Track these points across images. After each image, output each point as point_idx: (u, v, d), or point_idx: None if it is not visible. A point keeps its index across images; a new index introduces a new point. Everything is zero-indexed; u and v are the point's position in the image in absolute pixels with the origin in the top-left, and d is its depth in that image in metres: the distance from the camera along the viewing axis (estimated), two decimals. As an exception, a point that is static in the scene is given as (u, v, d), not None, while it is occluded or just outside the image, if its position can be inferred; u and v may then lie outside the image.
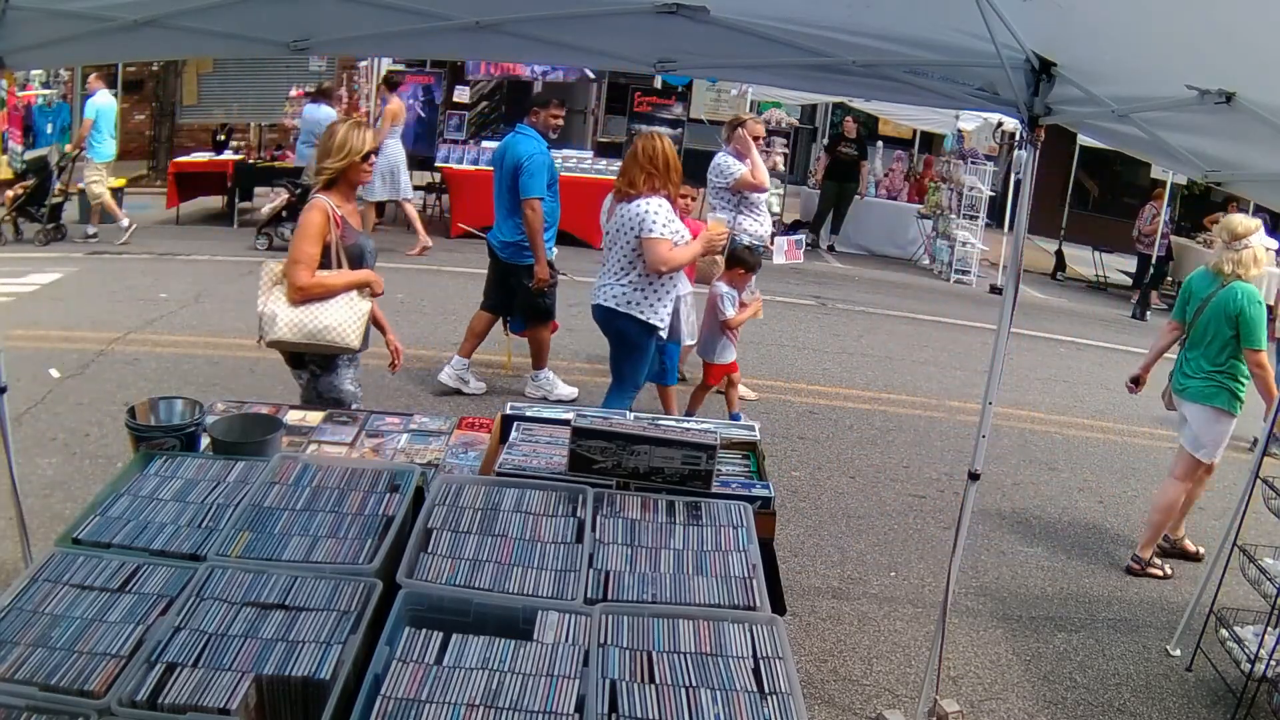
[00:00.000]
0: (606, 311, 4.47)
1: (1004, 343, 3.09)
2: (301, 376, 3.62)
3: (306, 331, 3.42)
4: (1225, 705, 3.68)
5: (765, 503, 2.60)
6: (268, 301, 3.42)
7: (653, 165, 4.32)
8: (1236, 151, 2.50)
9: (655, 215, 4.24)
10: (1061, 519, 5.28)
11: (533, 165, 5.44)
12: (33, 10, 2.79)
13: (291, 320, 3.41)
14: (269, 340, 3.44)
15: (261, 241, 9.25)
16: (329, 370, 3.62)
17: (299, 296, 3.42)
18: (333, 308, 3.47)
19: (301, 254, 3.40)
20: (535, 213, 5.45)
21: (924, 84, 2.86)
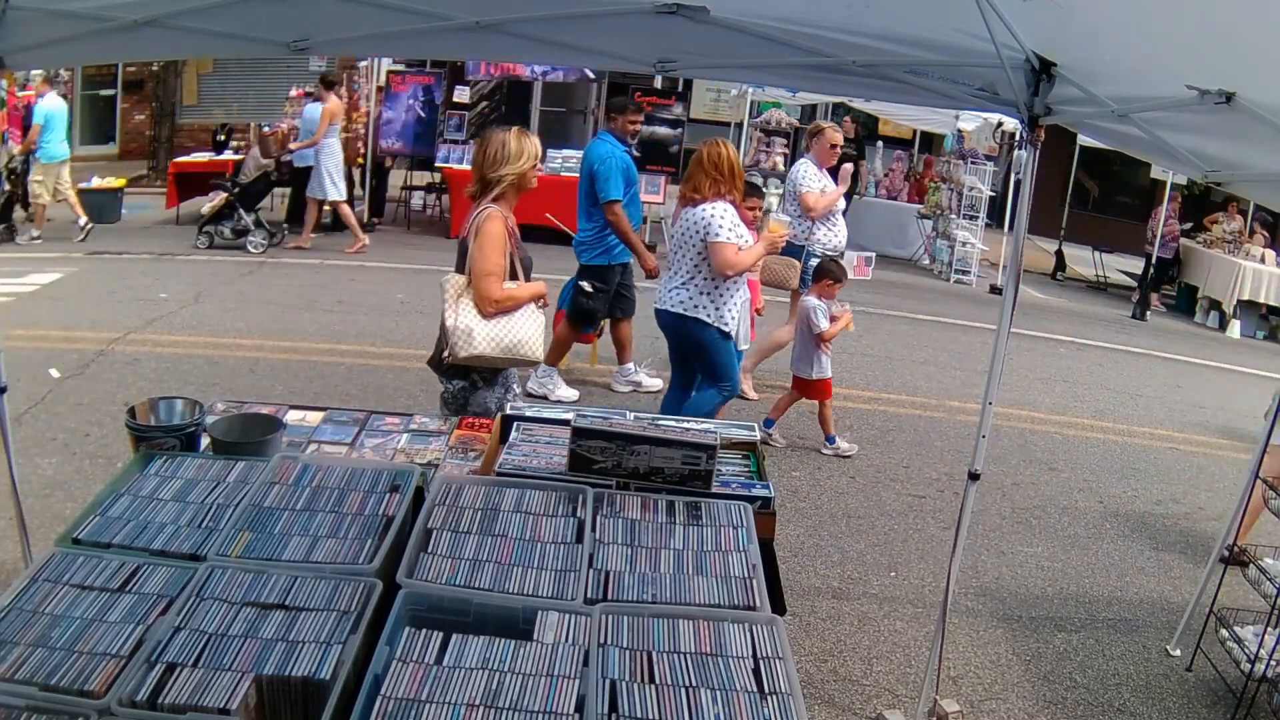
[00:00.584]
0: (672, 316, 4.50)
1: (1004, 343, 3.09)
2: (455, 384, 3.47)
3: (503, 346, 3.35)
4: (1225, 705, 3.68)
5: (765, 503, 2.60)
6: (458, 315, 3.33)
7: (717, 171, 4.38)
8: (1236, 151, 2.50)
9: (721, 220, 4.29)
10: (1061, 519, 5.28)
11: (606, 169, 5.53)
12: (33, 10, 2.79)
13: (489, 335, 3.33)
14: (465, 356, 3.33)
15: (202, 240, 9.25)
16: (491, 384, 3.53)
17: (493, 309, 3.36)
18: (521, 321, 3.42)
19: (493, 266, 3.33)
20: (616, 215, 5.52)
21: (924, 84, 2.86)
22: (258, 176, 9.41)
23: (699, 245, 4.34)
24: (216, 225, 9.27)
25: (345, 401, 4.55)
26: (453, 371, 3.46)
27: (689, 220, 4.40)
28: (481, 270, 3.35)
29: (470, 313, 3.35)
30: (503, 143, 3.43)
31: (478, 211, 3.42)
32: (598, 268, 5.78)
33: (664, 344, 4.94)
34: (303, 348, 6.70)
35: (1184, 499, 5.79)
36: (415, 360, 6.63)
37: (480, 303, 3.36)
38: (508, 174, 3.43)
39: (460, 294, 3.38)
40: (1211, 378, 9.22)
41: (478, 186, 3.48)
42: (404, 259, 9.84)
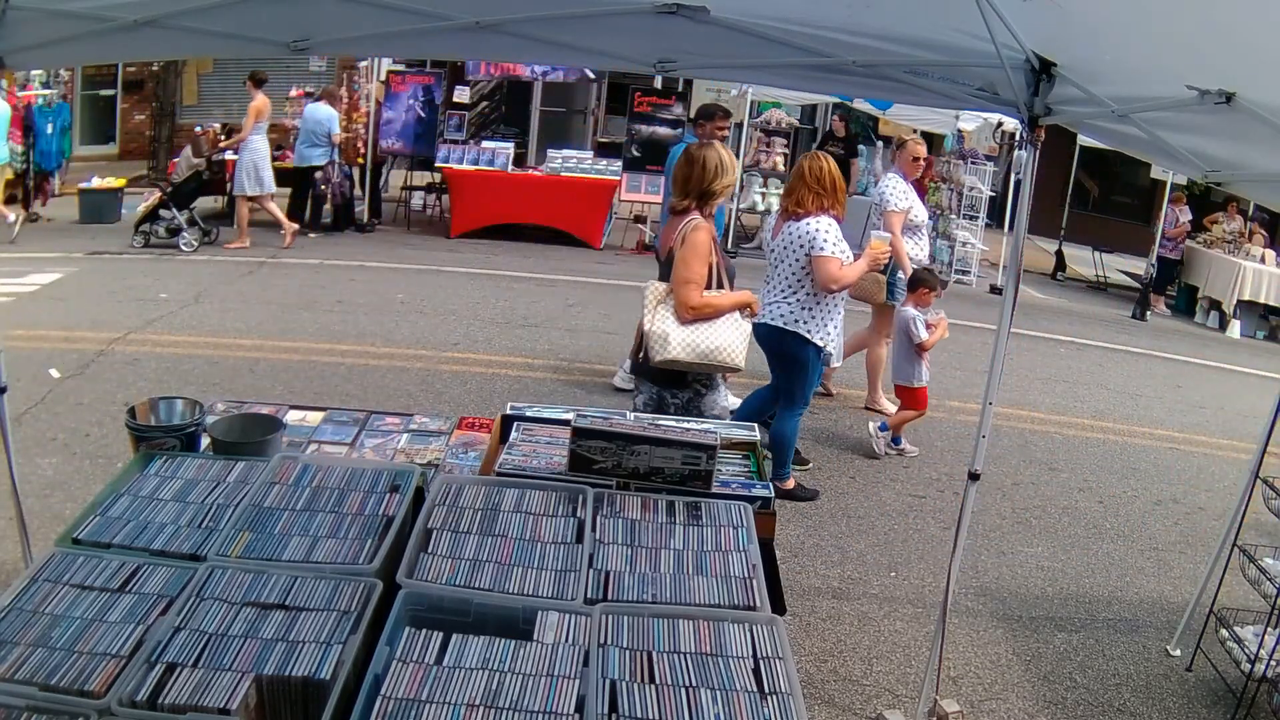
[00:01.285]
0: (772, 330, 4.53)
1: (1004, 343, 3.09)
2: (679, 396, 3.56)
3: (699, 351, 3.41)
4: (1225, 705, 3.68)
5: (765, 503, 2.60)
6: (655, 321, 3.44)
7: (820, 185, 4.41)
8: (1236, 151, 2.50)
9: (825, 234, 4.32)
10: (1061, 519, 5.28)
11: None
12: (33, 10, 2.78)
13: (683, 340, 3.40)
14: (660, 360, 3.41)
15: (138, 240, 9.25)
16: (712, 389, 3.62)
17: (690, 316, 3.43)
18: (721, 328, 3.47)
19: (693, 274, 3.42)
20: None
21: (924, 84, 2.86)
22: (190, 175, 9.42)
23: (802, 259, 4.37)
24: (152, 224, 9.30)
25: (345, 401, 4.56)
26: (669, 380, 3.55)
27: (791, 234, 4.43)
28: (682, 278, 3.45)
29: (668, 319, 3.45)
30: (720, 159, 3.55)
31: (686, 222, 3.51)
32: None
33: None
34: (303, 348, 6.70)
35: (1184, 499, 5.79)
36: (415, 360, 6.65)
37: (678, 309, 3.46)
38: (727, 185, 3.58)
39: (660, 301, 3.49)
40: (1211, 378, 9.22)
41: (690, 200, 3.57)
42: (404, 259, 9.84)
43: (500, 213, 11.06)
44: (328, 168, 10.38)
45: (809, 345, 4.49)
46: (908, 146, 6.29)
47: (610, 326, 8.00)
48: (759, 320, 4.56)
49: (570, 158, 11.49)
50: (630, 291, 9.35)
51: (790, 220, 4.49)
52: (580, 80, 14.09)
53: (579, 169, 11.28)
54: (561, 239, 11.30)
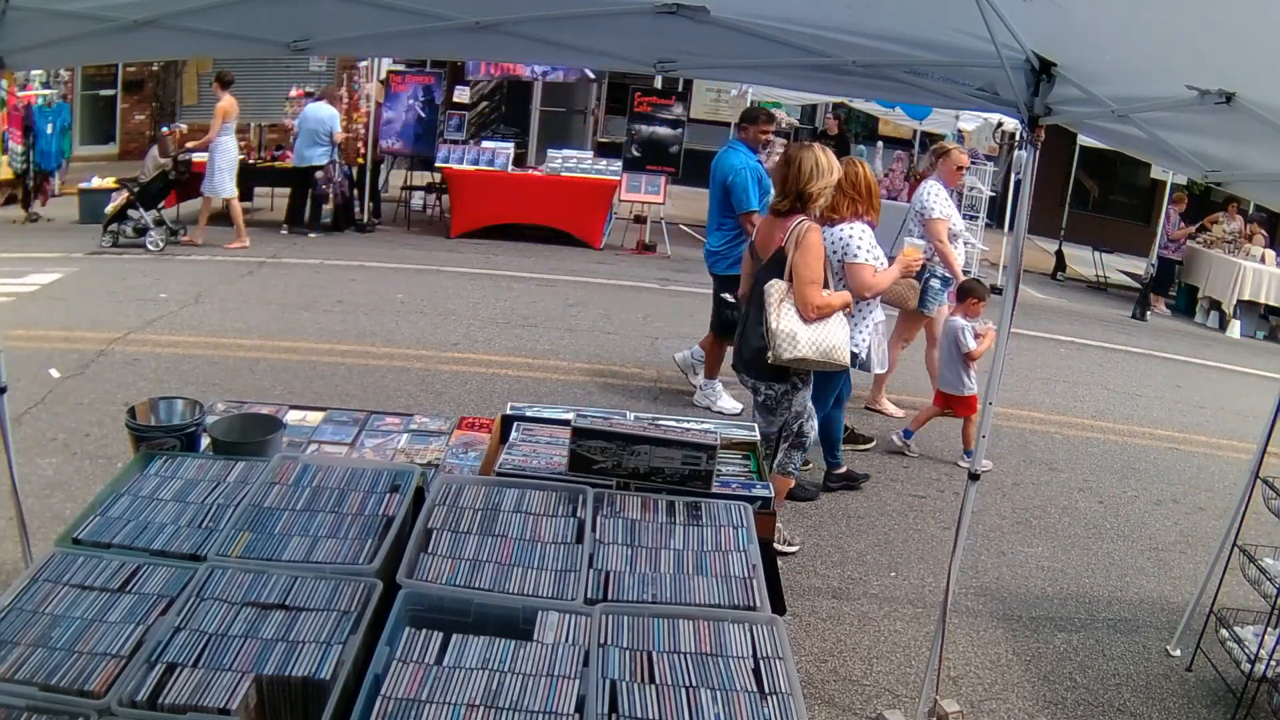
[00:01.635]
0: None
1: (1004, 343, 3.09)
2: (777, 388, 3.70)
3: (822, 350, 3.59)
4: (1225, 705, 3.68)
5: (765, 503, 2.60)
6: (781, 320, 3.55)
7: (855, 191, 4.45)
8: (1236, 151, 2.50)
9: (859, 241, 4.35)
10: (1061, 519, 5.28)
11: (741, 179, 5.56)
12: (33, 10, 2.78)
13: (811, 339, 3.57)
14: (789, 358, 3.56)
15: (106, 239, 9.26)
16: (806, 384, 3.82)
17: (814, 315, 3.59)
18: (835, 327, 3.66)
19: (815, 274, 3.56)
20: (753, 225, 5.50)
21: (924, 84, 2.86)
22: (156, 175, 9.44)
23: (835, 266, 4.39)
24: (120, 224, 9.32)
25: (345, 401, 4.56)
26: (771, 374, 3.68)
27: (827, 240, 4.41)
28: (805, 278, 3.57)
29: (793, 317, 3.57)
30: (815, 160, 3.66)
31: (797, 223, 3.63)
32: (734, 278, 5.77)
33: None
34: (303, 348, 6.70)
35: (1184, 499, 5.79)
36: (415, 360, 6.65)
37: (803, 308, 3.58)
38: (824, 187, 3.69)
39: (782, 299, 3.59)
40: (1211, 378, 9.22)
41: (791, 201, 3.69)
42: (404, 259, 9.84)
43: (500, 213, 11.06)
44: (329, 167, 10.38)
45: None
46: (951, 155, 6.25)
47: (610, 326, 8.00)
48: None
49: (570, 158, 11.49)
50: (630, 291, 9.37)
51: (825, 226, 4.50)
52: (580, 80, 14.10)
53: (579, 169, 11.28)
54: (561, 239, 11.30)
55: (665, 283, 9.87)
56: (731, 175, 5.60)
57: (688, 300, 9.24)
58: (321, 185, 10.41)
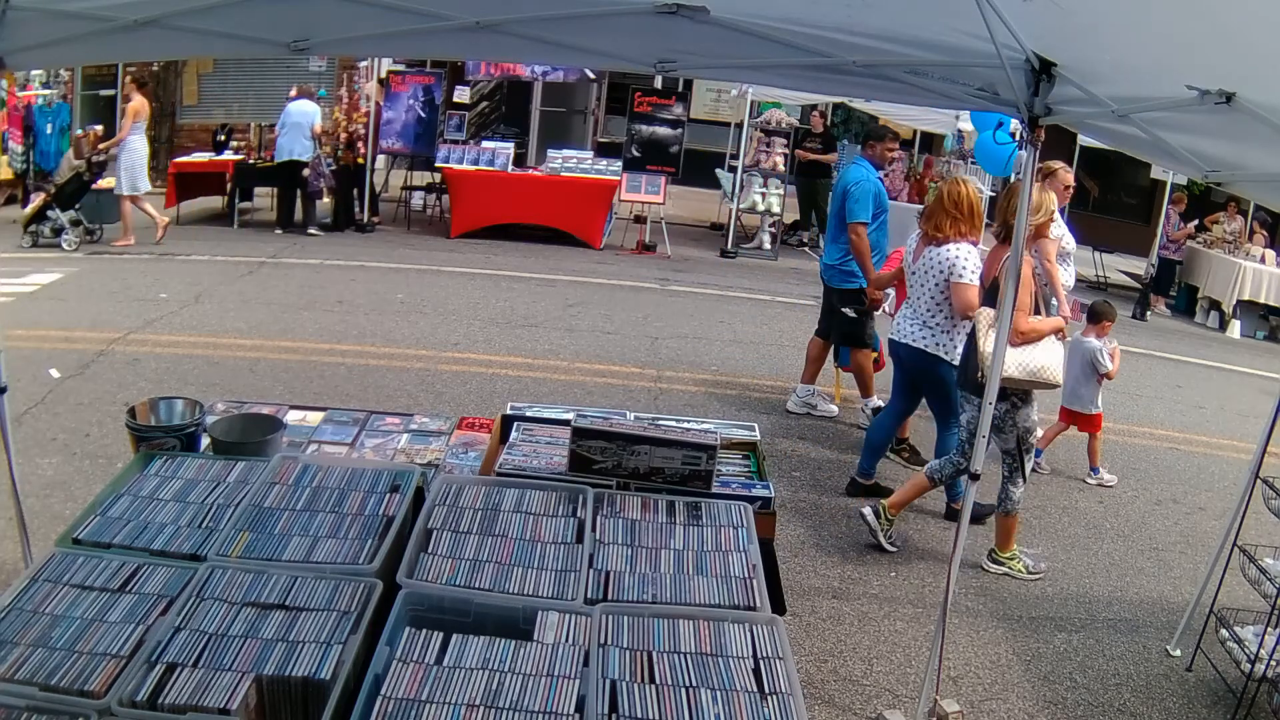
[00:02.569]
0: (914, 352, 4.74)
1: (1004, 343, 3.09)
2: (997, 410, 3.93)
3: (1029, 370, 3.89)
4: (1225, 705, 3.68)
5: (765, 503, 2.60)
6: (988, 343, 3.85)
7: (958, 211, 4.57)
8: (1236, 151, 2.50)
9: (965, 261, 4.49)
10: (1061, 519, 5.28)
11: (858, 191, 5.63)
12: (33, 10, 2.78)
13: (1017, 359, 3.86)
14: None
15: (26, 240, 9.26)
16: (1026, 403, 4.10)
17: (1019, 340, 3.88)
18: (1044, 349, 3.95)
19: (1021, 302, 3.81)
20: (860, 237, 5.62)
21: (924, 84, 2.86)
22: (70, 177, 9.46)
23: (941, 285, 4.54)
24: (39, 224, 9.35)
25: (345, 401, 4.56)
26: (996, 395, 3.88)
27: (932, 259, 4.59)
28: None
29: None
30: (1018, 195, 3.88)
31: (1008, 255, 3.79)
32: (852, 291, 5.83)
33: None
34: (303, 348, 6.70)
35: (1184, 499, 5.79)
36: (415, 360, 6.65)
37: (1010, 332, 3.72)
38: (1037, 222, 4.00)
39: (991, 324, 3.86)
40: (1211, 378, 9.21)
41: (1000, 229, 4.02)
42: (404, 259, 9.84)
43: (500, 213, 11.06)
44: (314, 162, 10.37)
45: (947, 365, 4.67)
46: (1058, 174, 6.29)
47: (610, 326, 8.00)
48: (898, 339, 4.80)
49: (570, 158, 11.49)
50: (630, 291, 9.37)
51: (930, 245, 4.64)
52: (580, 80, 14.09)
53: (579, 169, 11.28)
54: (561, 239, 11.30)
55: (665, 283, 9.87)
56: (852, 187, 5.67)
57: (688, 300, 9.25)
58: (313, 182, 10.40)
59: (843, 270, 5.80)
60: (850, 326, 5.84)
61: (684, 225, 13.13)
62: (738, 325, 8.48)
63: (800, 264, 11.86)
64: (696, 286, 9.85)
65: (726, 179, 12.87)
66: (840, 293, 5.87)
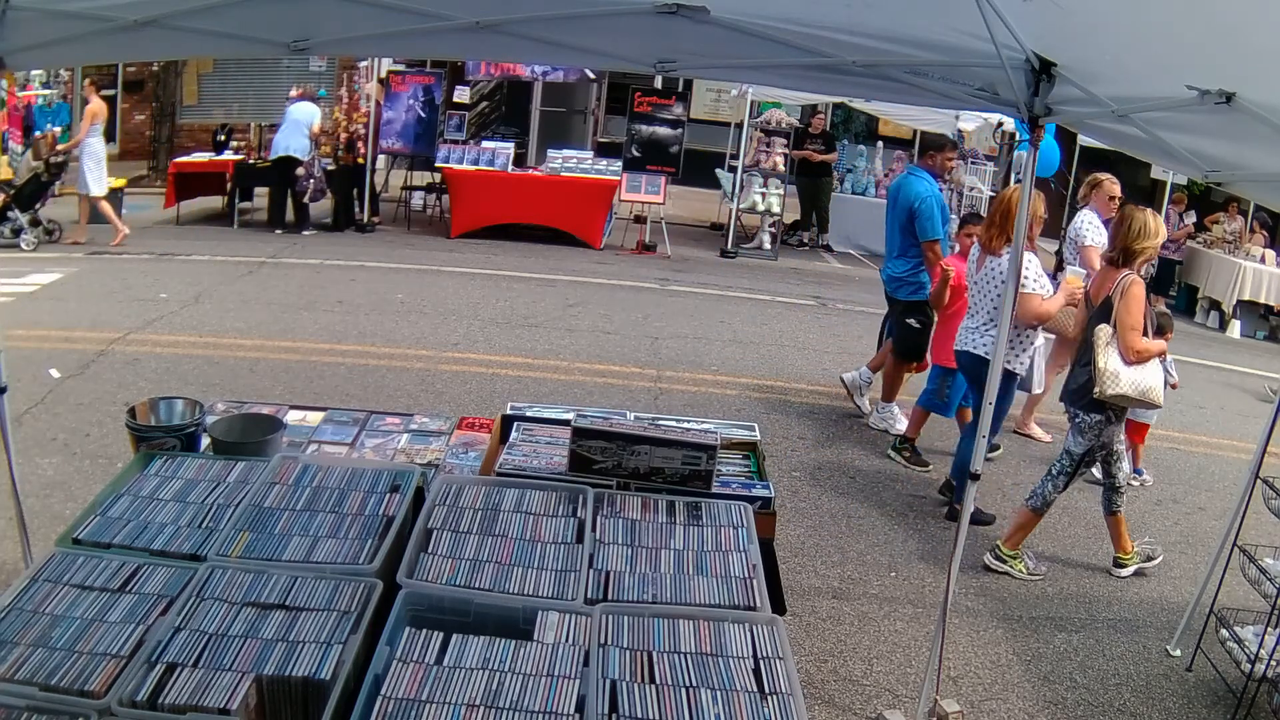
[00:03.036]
0: (974, 359, 4.83)
1: (1004, 342, 3.09)
2: (1093, 418, 4.20)
3: (1140, 389, 4.06)
4: (1225, 705, 3.68)
5: (765, 503, 2.60)
6: (1107, 359, 4.07)
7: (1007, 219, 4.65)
8: (1236, 151, 2.50)
9: (1025, 270, 4.52)
10: (1061, 519, 5.28)
11: (925, 207, 5.66)
12: (33, 10, 2.78)
13: (1131, 378, 4.05)
14: (1111, 394, 4.06)
15: None
16: (1119, 420, 4.28)
17: (1134, 358, 4.08)
18: (1152, 370, 4.12)
19: (1136, 322, 4.08)
20: (935, 255, 5.64)
21: (924, 84, 2.86)
22: (29, 179, 9.48)
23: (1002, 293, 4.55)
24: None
25: (345, 401, 4.56)
26: (1091, 406, 4.18)
27: (993, 269, 4.72)
28: (1127, 324, 4.07)
29: (1117, 359, 4.08)
30: (1145, 223, 4.18)
31: (1123, 276, 4.15)
32: (917, 304, 5.85)
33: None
34: (303, 348, 6.70)
35: (1184, 499, 5.79)
36: (415, 360, 6.65)
37: (1125, 351, 4.07)
38: (1148, 248, 4.19)
39: (1108, 342, 4.09)
40: (1212, 378, 9.21)
41: (1119, 254, 4.22)
42: (404, 259, 9.84)
43: (500, 213, 11.06)
44: (309, 164, 10.37)
45: (1006, 374, 4.74)
46: (1103, 185, 6.34)
47: (610, 326, 8.00)
48: (961, 348, 4.88)
49: (570, 158, 11.48)
50: (630, 291, 9.37)
51: (990, 255, 4.75)
52: (580, 80, 14.08)
53: (579, 169, 11.28)
54: (561, 239, 11.30)
55: (665, 283, 9.87)
56: (917, 203, 5.67)
57: (688, 300, 9.25)
58: (302, 182, 10.40)
59: (909, 282, 5.83)
60: (914, 338, 5.86)
61: (684, 225, 13.13)
62: (738, 325, 8.48)
63: (800, 264, 11.86)
64: (696, 286, 9.85)
65: (726, 179, 12.87)
66: (905, 304, 5.90)
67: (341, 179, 10.90)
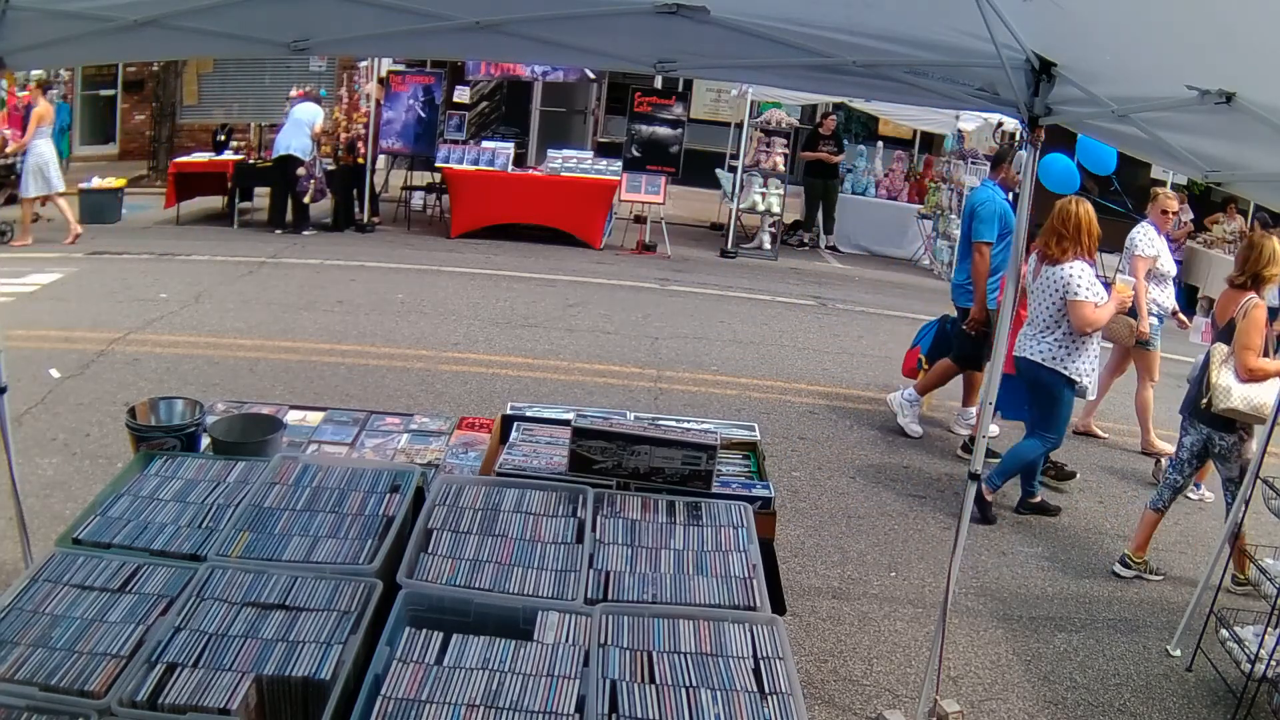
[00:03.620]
0: (1031, 364, 4.94)
1: (1004, 343, 3.09)
2: (1226, 440, 4.31)
3: (1253, 405, 4.18)
4: (1225, 705, 3.68)
5: (765, 503, 2.60)
6: (1220, 376, 4.25)
7: (1065, 228, 4.82)
8: (1236, 151, 2.49)
9: (1079, 280, 4.75)
10: (1062, 519, 5.28)
11: (984, 211, 5.76)
12: (33, 10, 2.78)
13: (1242, 394, 4.20)
14: (1223, 408, 4.21)
15: None
16: (1250, 438, 4.36)
17: (1248, 376, 4.22)
18: (1267, 387, 4.23)
19: (1253, 343, 4.25)
20: (982, 256, 5.73)
21: (924, 84, 2.86)
22: None
23: (1059, 302, 4.78)
24: None
25: (345, 401, 4.56)
26: (1222, 425, 4.31)
27: (1049, 278, 4.86)
28: (1242, 344, 4.26)
29: (1229, 375, 4.24)
30: (1274, 250, 4.43)
31: (1247, 299, 4.36)
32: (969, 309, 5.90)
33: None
34: (303, 348, 6.70)
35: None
36: (415, 360, 6.65)
37: (1240, 369, 4.24)
38: (1272, 275, 4.40)
39: (1224, 360, 4.28)
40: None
41: (1247, 279, 4.41)
42: (404, 259, 9.84)
43: (500, 213, 11.06)
44: (310, 165, 10.37)
45: (1064, 380, 4.87)
46: (1160, 199, 6.44)
47: (610, 326, 8.01)
48: (1020, 354, 4.98)
49: (570, 158, 11.48)
50: (630, 291, 9.37)
51: (1047, 264, 4.87)
52: (580, 80, 14.09)
53: (579, 169, 11.28)
54: (561, 239, 11.30)
55: (665, 283, 9.87)
56: (979, 207, 5.78)
57: (688, 300, 9.25)
58: (303, 182, 10.40)
59: (969, 289, 5.89)
60: (970, 346, 5.92)
61: (684, 225, 13.13)
62: (738, 325, 8.48)
63: (800, 264, 11.86)
64: (696, 286, 9.85)
65: (726, 179, 12.87)
66: (965, 311, 5.95)
67: (341, 179, 10.90)
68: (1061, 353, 4.83)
